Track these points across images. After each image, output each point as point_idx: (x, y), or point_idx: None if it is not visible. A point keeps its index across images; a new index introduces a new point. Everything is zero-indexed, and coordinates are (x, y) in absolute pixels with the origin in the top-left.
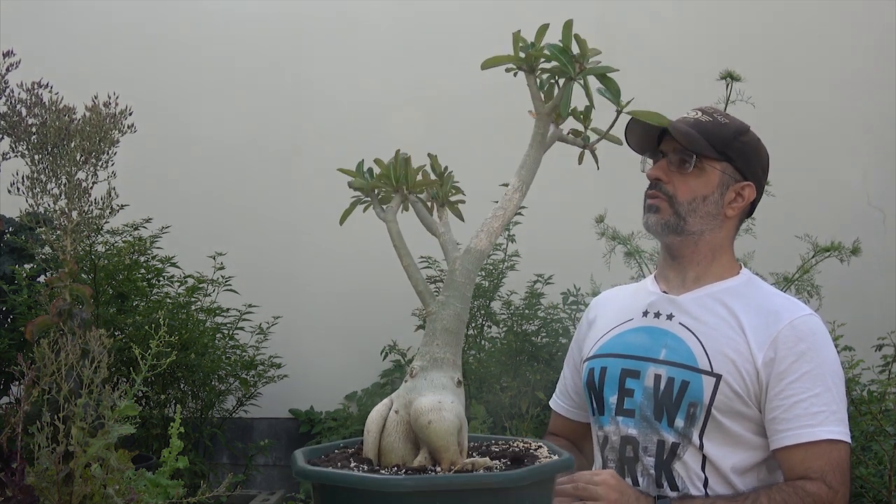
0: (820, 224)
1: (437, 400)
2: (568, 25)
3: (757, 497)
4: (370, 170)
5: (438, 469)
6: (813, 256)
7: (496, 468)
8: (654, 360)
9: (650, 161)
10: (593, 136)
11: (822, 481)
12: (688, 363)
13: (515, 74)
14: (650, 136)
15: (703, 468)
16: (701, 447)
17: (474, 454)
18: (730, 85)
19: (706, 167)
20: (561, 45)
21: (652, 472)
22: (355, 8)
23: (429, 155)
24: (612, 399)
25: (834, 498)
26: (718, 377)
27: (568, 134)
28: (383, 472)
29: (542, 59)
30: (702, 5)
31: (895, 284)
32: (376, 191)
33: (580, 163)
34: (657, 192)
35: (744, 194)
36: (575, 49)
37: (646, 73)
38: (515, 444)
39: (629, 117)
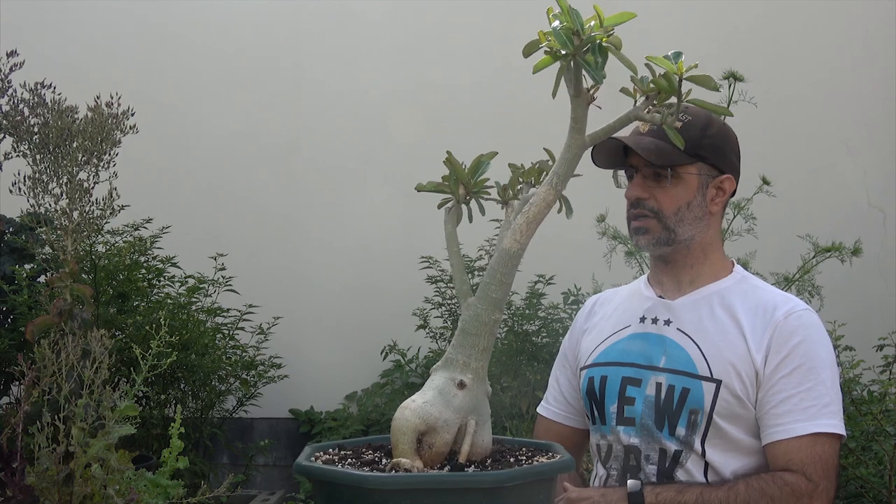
0: (820, 224)
1: (412, 399)
2: None
3: (734, 484)
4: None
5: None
6: (814, 257)
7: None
8: (654, 368)
9: (622, 173)
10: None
11: (802, 473)
12: (687, 370)
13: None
14: (616, 151)
15: (705, 474)
16: (703, 454)
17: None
18: (732, 85)
19: (682, 174)
20: (558, 19)
21: (654, 480)
22: (355, 5)
23: (545, 150)
24: (613, 408)
25: (813, 490)
26: (718, 382)
27: (647, 112)
28: (348, 464)
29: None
30: (701, 4)
31: (895, 284)
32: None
33: (675, 142)
34: (641, 210)
35: (724, 187)
36: (592, 21)
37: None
38: (538, 455)
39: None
